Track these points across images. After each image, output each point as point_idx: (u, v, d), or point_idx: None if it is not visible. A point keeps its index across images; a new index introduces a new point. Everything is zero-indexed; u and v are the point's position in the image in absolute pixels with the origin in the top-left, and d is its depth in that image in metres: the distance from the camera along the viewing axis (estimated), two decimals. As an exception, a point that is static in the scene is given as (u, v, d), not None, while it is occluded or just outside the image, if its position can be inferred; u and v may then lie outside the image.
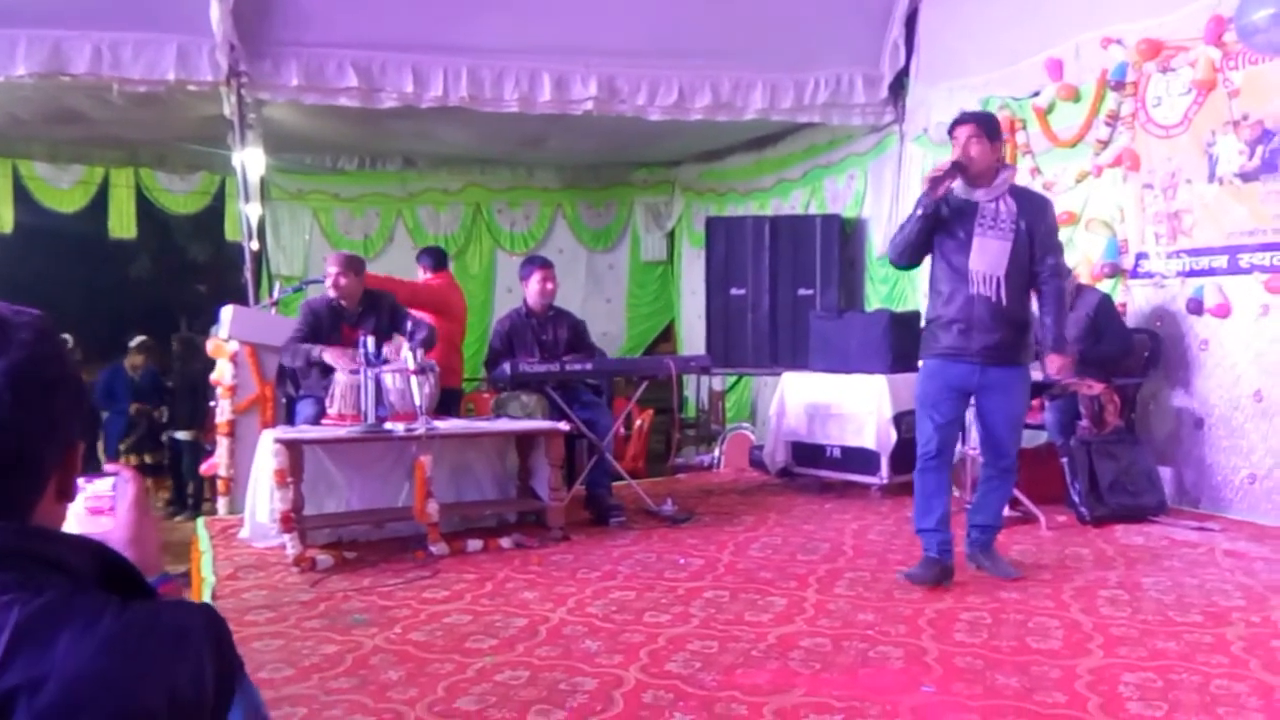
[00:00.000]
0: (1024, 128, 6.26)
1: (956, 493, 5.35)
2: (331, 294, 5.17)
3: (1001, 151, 3.96)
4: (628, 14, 6.70)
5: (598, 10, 6.64)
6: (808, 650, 3.13)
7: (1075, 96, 5.92)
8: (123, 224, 9.49)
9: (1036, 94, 6.17)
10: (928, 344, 3.99)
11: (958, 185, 3.82)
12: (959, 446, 5.47)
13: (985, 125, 3.85)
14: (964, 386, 3.90)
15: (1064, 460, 5.05)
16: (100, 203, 9.39)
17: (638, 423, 8.32)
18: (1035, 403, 5.25)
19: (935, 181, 3.78)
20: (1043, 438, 5.40)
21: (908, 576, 3.87)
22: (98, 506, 1.26)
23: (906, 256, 3.99)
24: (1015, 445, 4.01)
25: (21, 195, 9.09)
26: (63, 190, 9.25)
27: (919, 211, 3.85)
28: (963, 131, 3.84)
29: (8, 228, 9.13)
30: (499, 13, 6.48)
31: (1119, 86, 5.60)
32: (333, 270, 5.18)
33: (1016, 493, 4.98)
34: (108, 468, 1.29)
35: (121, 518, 1.26)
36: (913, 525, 4.00)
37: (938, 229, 3.88)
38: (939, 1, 7.05)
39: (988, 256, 3.78)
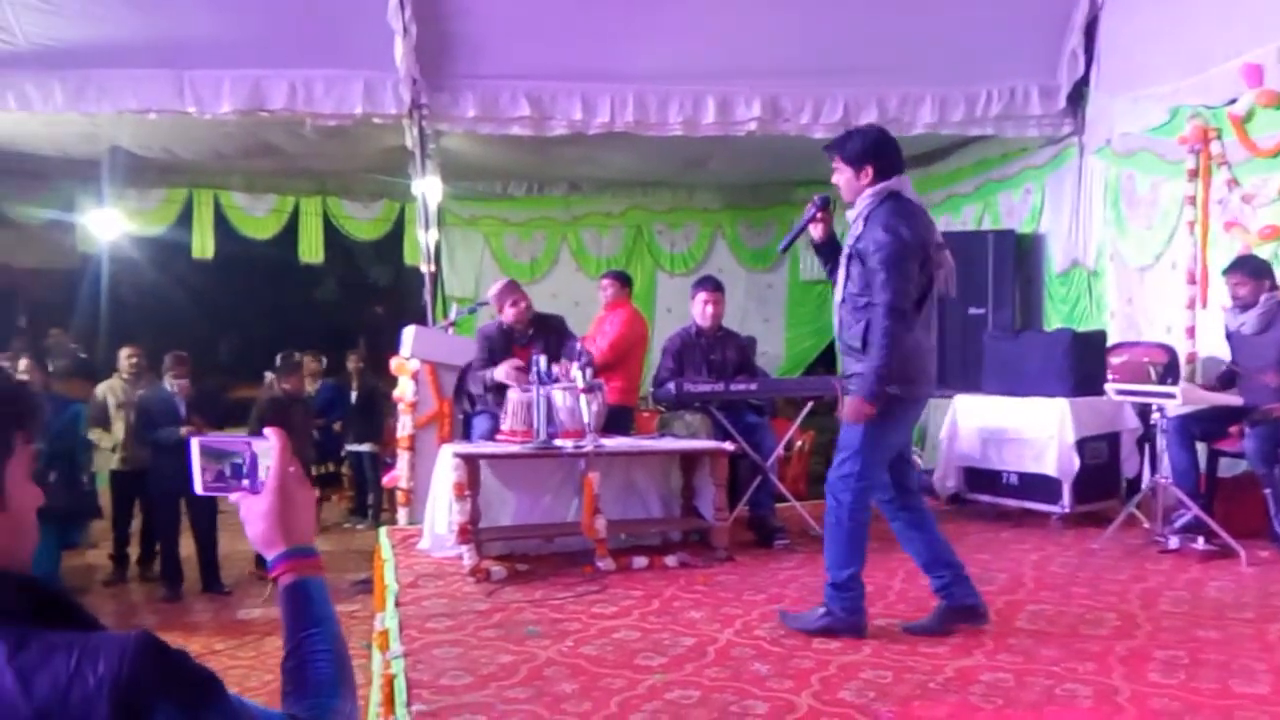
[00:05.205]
0: (1219, 137, 5.87)
1: (1146, 524, 5.08)
2: (506, 321, 5.49)
3: (872, 172, 3.51)
4: (791, 34, 6.69)
5: (761, 31, 6.64)
6: (988, 685, 3.02)
7: (1277, 103, 5.52)
8: (311, 249, 10.20)
9: (1233, 101, 5.78)
10: None
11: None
12: (1149, 475, 5.19)
13: (842, 153, 3.58)
14: None
15: (1266, 491, 4.71)
16: (291, 229, 10.10)
17: (798, 444, 8.23)
18: (1234, 430, 4.92)
19: (806, 225, 3.76)
20: (1242, 466, 5.04)
21: None
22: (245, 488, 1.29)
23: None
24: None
25: (221, 224, 9.87)
26: (258, 218, 10.02)
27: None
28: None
29: (210, 254, 9.94)
30: (664, 39, 6.60)
31: (1328, 91, 5.20)
32: (509, 302, 5.51)
33: (1213, 525, 4.67)
34: (267, 432, 1.31)
35: (268, 485, 1.28)
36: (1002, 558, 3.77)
37: None
38: (1121, 7, 6.72)
39: (836, 283, 3.69)
